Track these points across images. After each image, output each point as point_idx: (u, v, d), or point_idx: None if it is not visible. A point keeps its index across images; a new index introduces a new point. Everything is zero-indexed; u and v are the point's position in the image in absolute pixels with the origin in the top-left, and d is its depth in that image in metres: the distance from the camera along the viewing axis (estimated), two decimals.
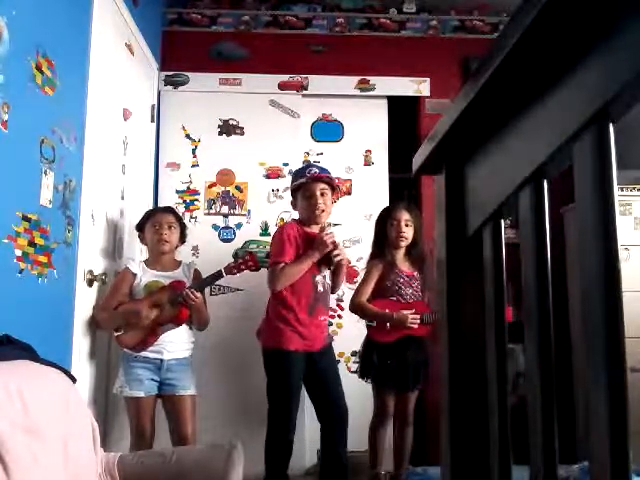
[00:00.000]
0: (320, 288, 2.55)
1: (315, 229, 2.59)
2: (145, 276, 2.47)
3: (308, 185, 2.54)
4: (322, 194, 2.54)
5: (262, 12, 3.50)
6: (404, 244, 2.69)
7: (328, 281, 2.61)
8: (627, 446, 0.40)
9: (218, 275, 2.47)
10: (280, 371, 2.50)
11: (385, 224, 2.72)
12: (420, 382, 2.68)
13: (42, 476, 1.29)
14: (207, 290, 2.71)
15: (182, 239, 2.61)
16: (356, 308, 2.70)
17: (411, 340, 2.62)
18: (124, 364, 2.40)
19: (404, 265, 2.72)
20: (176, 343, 2.45)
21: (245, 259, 2.50)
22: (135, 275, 2.46)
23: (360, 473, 2.83)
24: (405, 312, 2.60)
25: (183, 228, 2.60)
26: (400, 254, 2.72)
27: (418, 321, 2.59)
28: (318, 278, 2.54)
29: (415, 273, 2.73)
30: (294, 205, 2.68)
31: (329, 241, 2.49)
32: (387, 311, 2.62)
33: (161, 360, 2.39)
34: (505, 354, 0.61)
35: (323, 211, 2.55)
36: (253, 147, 3.34)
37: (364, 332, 2.76)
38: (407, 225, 2.67)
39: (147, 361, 2.38)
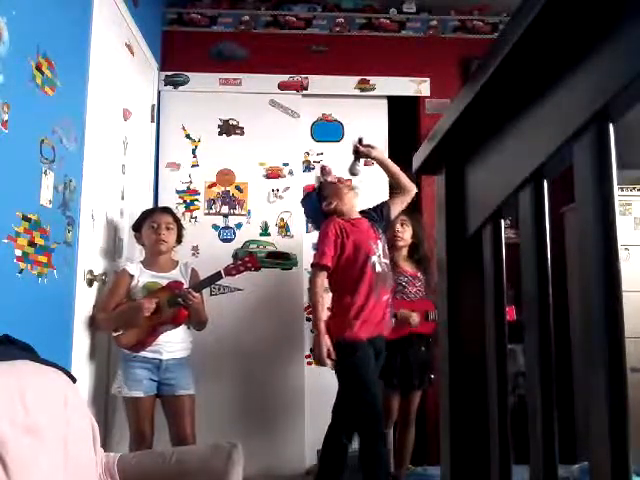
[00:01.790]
0: (378, 268, 2.44)
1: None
2: (143, 277, 2.46)
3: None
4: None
5: (262, 12, 3.50)
6: (401, 244, 2.74)
7: (384, 260, 2.50)
8: (627, 446, 0.40)
9: (217, 276, 2.46)
10: (351, 363, 2.39)
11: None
12: (425, 382, 2.69)
13: (42, 476, 1.29)
14: (206, 290, 2.70)
15: (179, 239, 2.61)
16: None
17: (415, 337, 2.64)
18: (123, 364, 2.40)
19: (407, 265, 2.76)
20: (175, 343, 2.44)
21: (245, 260, 2.49)
22: (132, 276, 2.45)
23: (360, 473, 2.83)
24: (407, 312, 2.62)
25: (180, 229, 2.60)
26: (402, 255, 2.76)
27: (418, 320, 2.61)
28: (374, 259, 2.45)
29: (418, 274, 2.76)
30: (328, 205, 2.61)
31: None
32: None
33: (160, 360, 2.39)
34: (505, 354, 0.61)
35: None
36: (253, 147, 3.34)
37: None
38: (402, 225, 2.71)
39: (146, 361, 2.38)
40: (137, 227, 2.58)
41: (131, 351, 2.39)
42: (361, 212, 2.64)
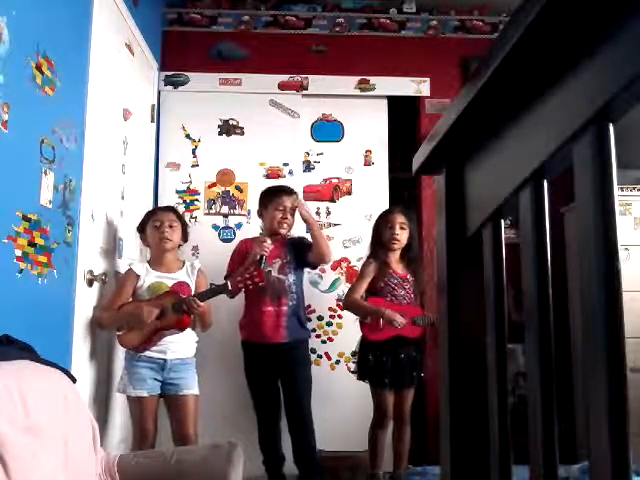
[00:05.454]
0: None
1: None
2: (149, 277, 2.47)
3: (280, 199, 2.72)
4: (291, 213, 2.73)
5: (262, 12, 3.50)
6: (397, 247, 2.75)
7: (275, 274, 2.70)
8: (627, 446, 0.40)
9: (224, 288, 2.46)
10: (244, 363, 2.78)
11: (381, 227, 2.76)
12: (415, 380, 2.71)
13: (42, 476, 1.29)
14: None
15: (184, 238, 2.61)
16: (349, 305, 2.77)
17: (404, 340, 2.66)
18: (127, 363, 2.40)
19: (398, 267, 2.77)
20: (180, 343, 2.45)
21: (252, 274, 2.48)
22: (139, 276, 2.46)
23: (360, 473, 2.84)
24: (394, 313, 2.64)
25: (185, 226, 2.60)
26: (395, 256, 2.77)
27: (404, 322, 2.63)
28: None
29: (408, 275, 2.77)
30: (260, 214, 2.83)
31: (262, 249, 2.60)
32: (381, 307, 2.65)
33: (164, 360, 2.39)
34: (505, 354, 0.61)
35: (288, 225, 2.74)
36: (253, 147, 3.34)
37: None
38: (402, 228, 2.73)
39: (150, 361, 2.38)
40: (141, 228, 2.59)
41: (134, 351, 2.39)
42: (295, 238, 2.88)
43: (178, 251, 2.64)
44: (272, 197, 2.74)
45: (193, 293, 2.47)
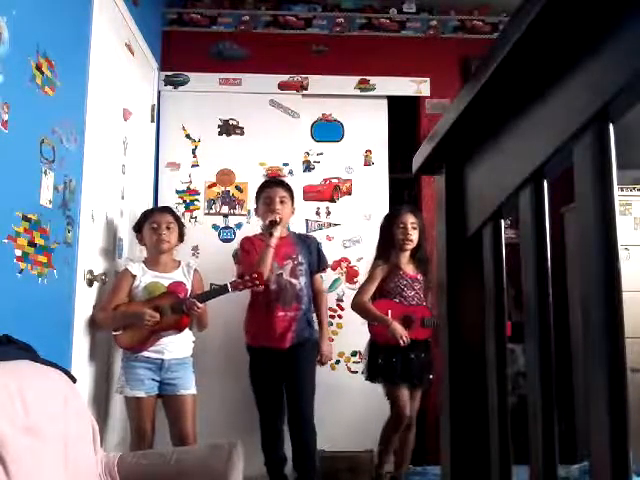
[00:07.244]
0: (273, 286, 2.63)
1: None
2: (145, 277, 2.47)
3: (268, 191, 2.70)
4: (281, 201, 2.67)
5: (262, 12, 3.50)
6: (410, 247, 2.73)
7: (287, 278, 2.66)
8: (627, 446, 0.40)
9: (224, 290, 2.46)
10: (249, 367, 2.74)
11: (391, 227, 2.74)
12: (425, 381, 2.69)
13: (42, 476, 1.29)
14: (207, 287, 2.70)
15: (181, 238, 2.61)
16: (358, 307, 2.74)
17: (413, 342, 2.64)
18: (124, 364, 2.40)
19: (408, 267, 2.75)
20: (177, 343, 2.45)
21: (252, 276, 2.48)
22: (135, 276, 2.45)
23: (360, 473, 2.83)
24: (400, 329, 2.60)
25: (181, 227, 2.60)
26: (405, 257, 2.76)
27: (407, 341, 2.59)
28: (270, 277, 2.62)
29: (418, 276, 2.76)
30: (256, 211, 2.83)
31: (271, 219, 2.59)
32: (389, 312, 2.64)
33: (162, 360, 2.39)
34: (505, 354, 0.61)
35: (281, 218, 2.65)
36: (253, 147, 3.34)
37: (364, 332, 2.76)
38: (414, 228, 2.71)
39: (148, 361, 2.38)
40: (138, 228, 2.59)
41: (131, 352, 2.39)
42: (304, 235, 2.90)
43: (174, 251, 2.64)
44: (259, 192, 2.76)
45: (193, 294, 2.48)
